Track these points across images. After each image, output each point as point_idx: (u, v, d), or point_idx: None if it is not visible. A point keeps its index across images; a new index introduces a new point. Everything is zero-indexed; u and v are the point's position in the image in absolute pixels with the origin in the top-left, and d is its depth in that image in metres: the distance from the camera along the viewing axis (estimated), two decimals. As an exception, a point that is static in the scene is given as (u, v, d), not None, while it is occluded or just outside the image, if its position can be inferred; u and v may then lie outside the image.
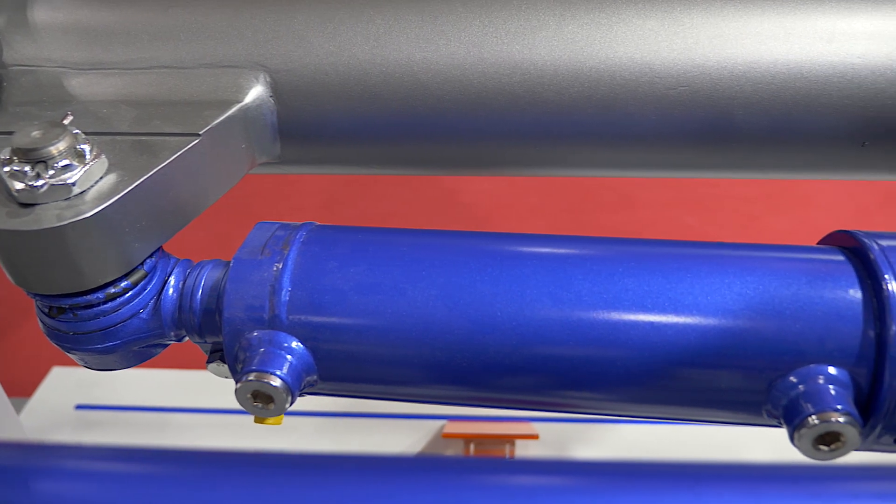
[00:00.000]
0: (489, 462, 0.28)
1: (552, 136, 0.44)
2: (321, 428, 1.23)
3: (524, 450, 1.21)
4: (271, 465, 0.26)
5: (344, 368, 0.37)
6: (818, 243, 0.41)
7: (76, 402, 1.19)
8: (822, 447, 0.33)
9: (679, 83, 0.42)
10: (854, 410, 0.33)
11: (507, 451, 1.19)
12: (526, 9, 0.43)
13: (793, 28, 0.42)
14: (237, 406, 0.38)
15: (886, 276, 0.34)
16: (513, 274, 0.36)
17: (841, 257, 0.36)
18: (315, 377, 0.37)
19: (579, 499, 0.24)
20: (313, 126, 0.44)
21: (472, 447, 1.19)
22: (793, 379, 0.34)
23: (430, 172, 0.48)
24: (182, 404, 1.19)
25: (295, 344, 0.36)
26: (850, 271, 0.35)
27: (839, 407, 0.33)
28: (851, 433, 0.32)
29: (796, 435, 0.33)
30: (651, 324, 0.35)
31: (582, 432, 1.22)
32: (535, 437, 1.14)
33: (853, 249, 0.37)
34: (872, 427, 0.35)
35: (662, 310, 0.35)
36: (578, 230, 2.07)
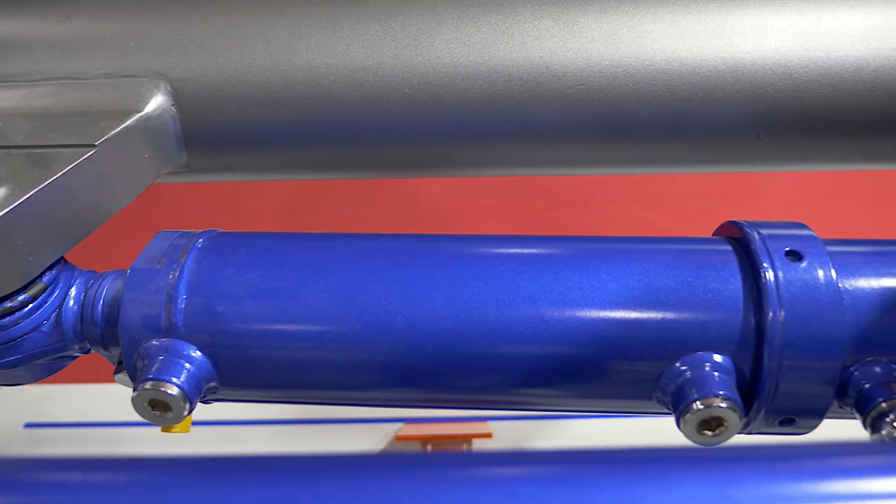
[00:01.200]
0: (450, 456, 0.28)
1: (454, 137, 0.44)
2: (277, 436, 1.22)
3: (480, 448, 1.22)
4: (237, 468, 0.25)
5: (244, 375, 0.37)
6: (713, 234, 0.42)
7: (25, 421, 1.17)
8: (707, 432, 0.34)
9: (576, 82, 0.43)
10: (736, 396, 0.34)
11: (464, 450, 1.20)
12: (424, 12, 0.44)
13: (685, 26, 0.43)
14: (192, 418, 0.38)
15: (765, 265, 0.35)
16: (406, 275, 0.36)
17: (727, 247, 0.37)
18: (215, 384, 0.37)
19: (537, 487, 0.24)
20: (218, 134, 0.44)
21: (429, 448, 1.19)
22: (680, 366, 0.35)
23: (340, 176, 0.49)
24: (134, 418, 1.17)
25: (193, 352, 0.36)
26: (733, 261, 0.36)
27: (721, 392, 0.33)
28: (733, 417, 0.33)
29: (682, 420, 0.34)
30: (541, 319, 0.35)
31: (538, 429, 1.23)
32: (488, 435, 1.15)
33: (739, 239, 0.38)
34: (757, 410, 0.36)
35: (552, 305, 0.35)
36: (538, 229, 2.10)
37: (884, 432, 0.32)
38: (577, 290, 0.36)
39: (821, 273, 0.34)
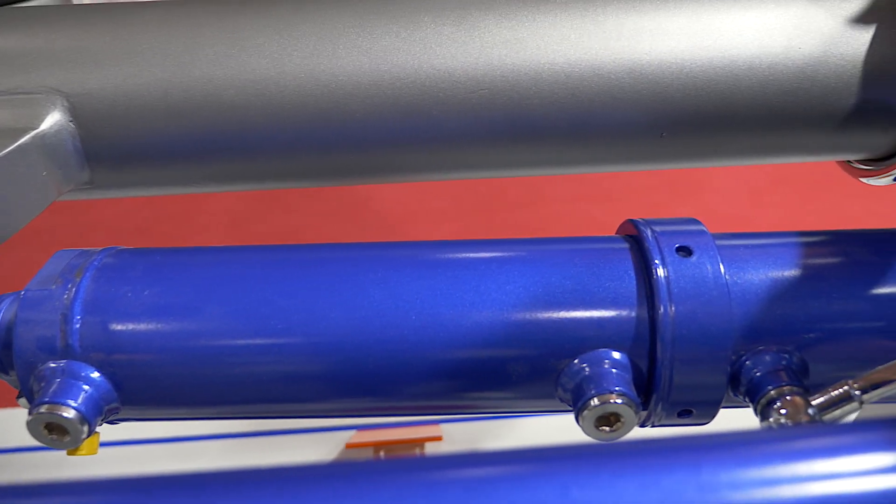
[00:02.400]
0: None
1: (360, 145, 0.44)
2: (227, 450, 1.21)
3: (433, 452, 1.22)
4: (201, 485, 0.24)
5: (146, 394, 0.37)
6: (616, 232, 0.43)
7: (-39, 448, 1.14)
8: (604, 428, 0.35)
9: (479, 86, 0.44)
10: (632, 391, 0.35)
11: (416, 454, 1.20)
12: (325, 22, 0.44)
13: (584, 29, 0.44)
14: (135, 437, 0.37)
15: (656, 262, 0.36)
16: (307, 285, 0.36)
17: (624, 245, 0.38)
18: (117, 404, 0.37)
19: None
20: (120, 149, 0.44)
21: (381, 454, 1.19)
22: (579, 364, 0.36)
23: (249, 188, 0.48)
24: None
25: (91, 373, 0.36)
26: (628, 259, 0.37)
27: (617, 389, 0.34)
28: (628, 413, 0.34)
29: (580, 417, 0.35)
30: (440, 324, 0.36)
31: (490, 429, 1.24)
32: (438, 438, 1.15)
33: (635, 237, 0.39)
34: (655, 404, 0.36)
35: (450, 309, 0.36)
36: (490, 230, 2.10)
37: (771, 419, 0.33)
38: (474, 293, 0.36)
39: (709, 267, 0.35)
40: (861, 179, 0.51)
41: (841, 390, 0.33)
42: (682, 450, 0.25)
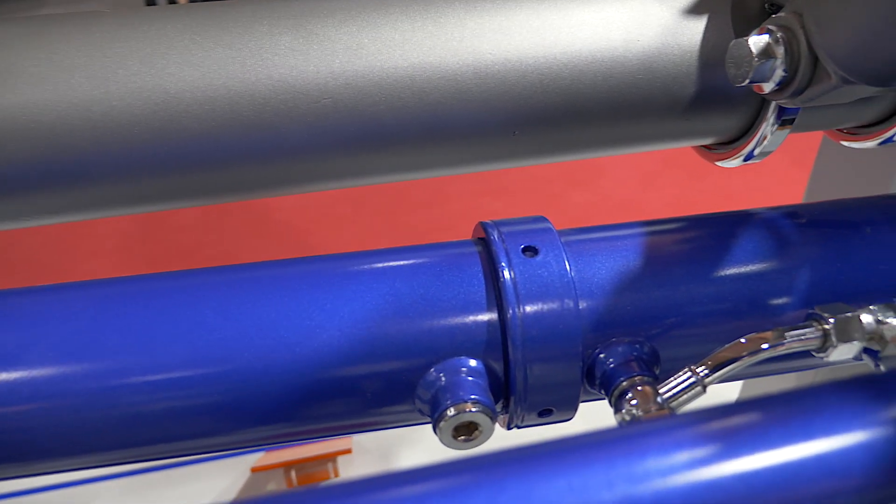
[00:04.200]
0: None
1: (201, 164, 0.42)
2: (128, 489, 1.15)
3: (347, 465, 1.20)
4: None
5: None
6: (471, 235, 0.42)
7: None
8: (463, 437, 0.34)
9: (322, 95, 0.42)
10: (487, 398, 0.34)
11: (330, 469, 1.18)
12: (152, 36, 0.41)
13: (425, 31, 0.43)
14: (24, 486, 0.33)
15: (503, 264, 0.35)
16: (139, 319, 0.34)
17: (473, 249, 0.38)
18: None
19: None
20: None
21: (293, 474, 1.16)
22: (434, 374, 0.35)
23: (91, 216, 0.45)
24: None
25: None
26: (477, 263, 0.37)
27: (473, 397, 0.34)
28: (485, 421, 0.34)
29: (437, 428, 0.34)
30: (286, 347, 0.34)
31: (401, 436, 1.23)
32: (348, 451, 1.13)
33: (484, 240, 0.38)
34: (515, 406, 0.36)
35: (296, 332, 0.34)
36: (392, 232, 2.08)
37: (623, 411, 0.34)
38: (320, 312, 0.35)
39: (554, 265, 0.35)
40: (716, 163, 0.53)
41: (685, 376, 0.33)
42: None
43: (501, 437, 0.41)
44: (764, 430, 0.22)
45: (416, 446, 1.21)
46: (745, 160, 0.50)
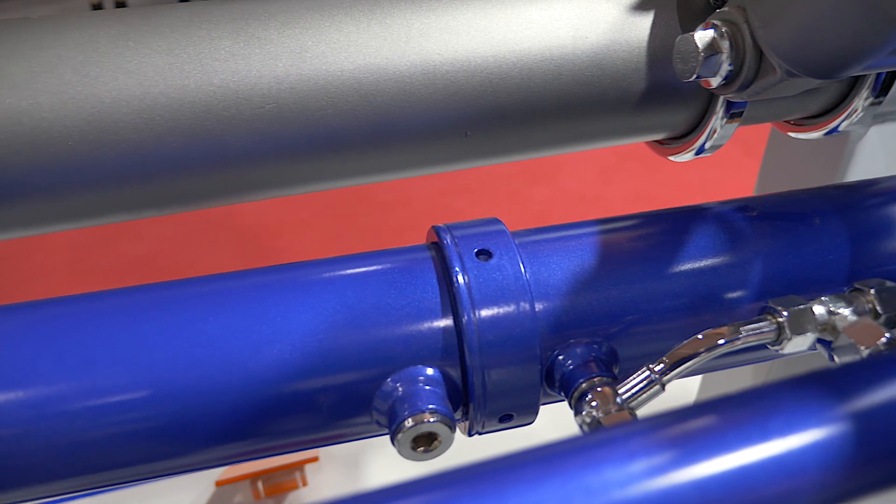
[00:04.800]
0: None
1: (141, 176, 0.41)
2: (87, 509, 1.11)
3: (315, 473, 1.18)
4: None
5: None
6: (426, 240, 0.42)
7: None
8: (423, 448, 0.33)
9: (266, 101, 0.41)
10: (446, 407, 0.33)
11: (297, 479, 1.16)
12: (83, 43, 0.39)
13: (370, 33, 0.42)
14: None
15: (456, 269, 0.35)
16: (76, 343, 0.32)
17: (426, 254, 0.37)
18: None
19: None
20: None
21: (260, 485, 1.13)
22: (391, 384, 0.34)
23: (25, 234, 0.43)
24: None
25: None
26: (430, 268, 0.36)
27: (431, 406, 0.33)
28: (444, 431, 0.33)
29: (395, 440, 0.33)
30: (236, 365, 0.33)
31: (368, 441, 1.21)
32: (315, 459, 1.11)
33: (437, 244, 0.37)
34: (475, 413, 0.35)
35: (244, 348, 0.33)
36: (355, 234, 2.06)
37: (584, 413, 0.33)
38: (270, 326, 0.33)
39: (509, 268, 0.35)
40: (668, 157, 0.53)
41: (644, 375, 0.33)
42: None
43: (465, 444, 0.40)
44: (721, 434, 0.22)
45: (385, 451, 1.20)
46: (696, 154, 0.50)
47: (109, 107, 0.39)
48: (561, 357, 0.36)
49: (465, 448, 0.41)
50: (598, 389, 0.34)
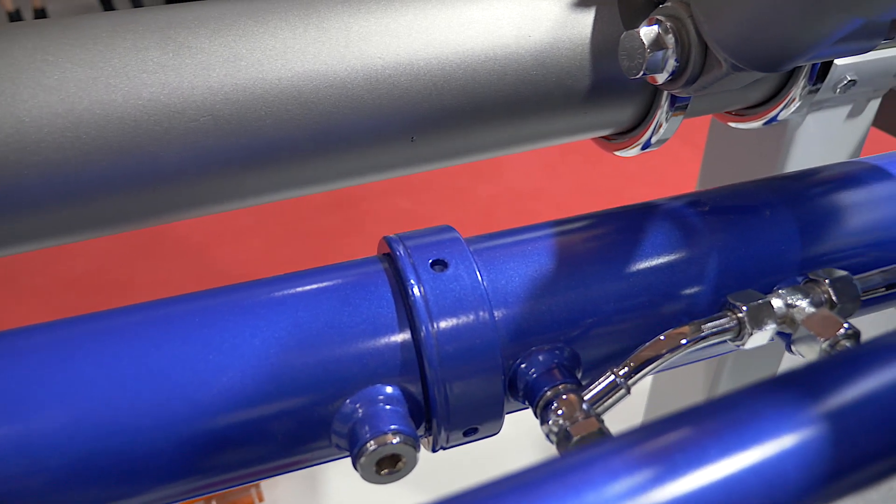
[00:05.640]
0: None
1: (66, 198, 0.38)
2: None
3: (271, 488, 1.15)
4: None
5: None
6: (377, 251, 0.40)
7: None
8: (387, 471, 0.32)
9: (200, 114, 0.39)
10: (408, 427, 0.32)
11: (253, 495, 1.13)
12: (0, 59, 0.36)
13: (307, 38, 0.41)
14: None
15: (411, 281, 0.33)
16: (5, 381, 0.30)
17: (379, 267, 0.36)
18: None
19: None
20: None
21: (214, 503, 1.10)
22: (350, 406, 0.33)
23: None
24: None
25: None
26: (384, 282, 0.34)
27: (393, 427, 0.31)
28: (408, 452, 0.31)
29: (358, 464, 0.32)
30: (179, 396, 0.31)
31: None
32: (271, 474, 1.08)
33: (390, 255, 0.36)
34: (438, 428, 0.34)
35: (188, 377, 0.31)
36: (300, 239, 2.02)
37: (550, 422, 0.33)
38: (217, 353, 0.31)
39: (466, 278, 0.34)
40: (614, 153, 0.53)
41: (609, 380, 0.33)
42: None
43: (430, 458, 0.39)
44: (701, 447, 0.21)
45: (343, 463, 1.18)
46: (642, 149, 0.50)
47: (30, 126, 0.37)
48: (523, 365, 0.35)
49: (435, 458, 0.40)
50: (564, 397, 0.33)
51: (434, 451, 0.37)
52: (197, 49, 0.39)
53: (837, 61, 0.54)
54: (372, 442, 0.31)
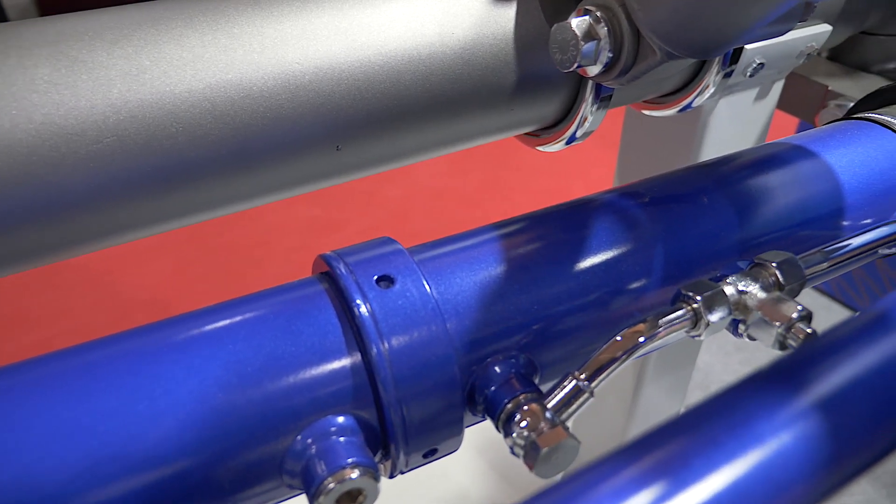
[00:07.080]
0: None
1: None
2: None
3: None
4: None
5: None
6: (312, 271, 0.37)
7: None
8: (347, 506, 0.30)
9: (103, 135, 0.35)
10: (367, 457, 0.30)
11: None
12: None
13: (217, 44, 0.37)
14: None
15: (357, 301, 0.31)
16: None
17: (320, 287, 0.33)
18: None
19: None
20: None
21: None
22: (302, 441, 0.30)
23: None
24: None
25: None
26: (326, 303, 0.32)
27: (351, 460, 0.29)
28: (370, 485, 0.29)
29: (316, 503, 0.29)
30: (110, 455, 0.27)
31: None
32: None
33: (329, 274, 0.34)
34: (397, 453, 0.32)
35: (116, 432, 0.27)
36: (209, 256, 1.93)
37: (514, 435, 0.31)
38: (147, 400, 0.28)
39: (414, 291, 0.32)
40: (538, 148, 0.52)
41: (571, 385, 0.32)
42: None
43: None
44: (706, 457, 0.20)
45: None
46: (567, 143, 0.49)
47: None
48: (481, 378, 0.33)
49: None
50: (526, 408, 0.32)
51: (391, 476, 0.35)
52: (93, 64, 0.35)
53: (747, 46, 0.55)
54: (330, 479, 0.29)
